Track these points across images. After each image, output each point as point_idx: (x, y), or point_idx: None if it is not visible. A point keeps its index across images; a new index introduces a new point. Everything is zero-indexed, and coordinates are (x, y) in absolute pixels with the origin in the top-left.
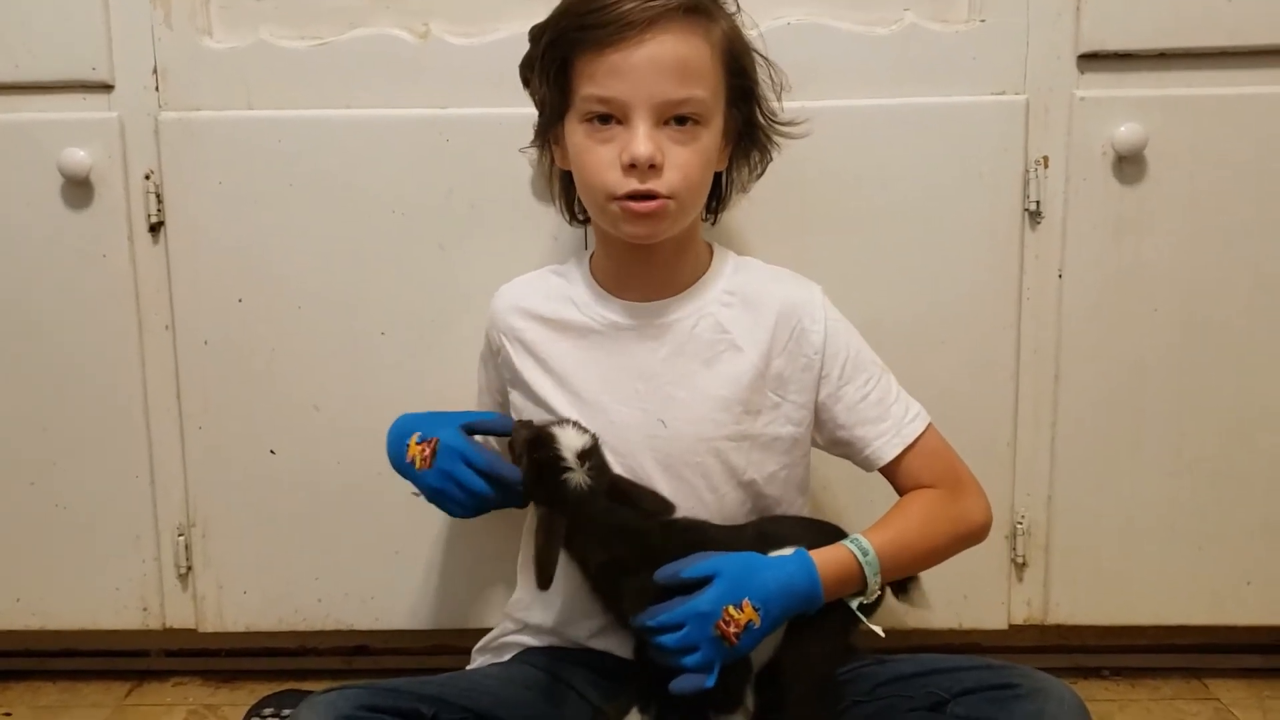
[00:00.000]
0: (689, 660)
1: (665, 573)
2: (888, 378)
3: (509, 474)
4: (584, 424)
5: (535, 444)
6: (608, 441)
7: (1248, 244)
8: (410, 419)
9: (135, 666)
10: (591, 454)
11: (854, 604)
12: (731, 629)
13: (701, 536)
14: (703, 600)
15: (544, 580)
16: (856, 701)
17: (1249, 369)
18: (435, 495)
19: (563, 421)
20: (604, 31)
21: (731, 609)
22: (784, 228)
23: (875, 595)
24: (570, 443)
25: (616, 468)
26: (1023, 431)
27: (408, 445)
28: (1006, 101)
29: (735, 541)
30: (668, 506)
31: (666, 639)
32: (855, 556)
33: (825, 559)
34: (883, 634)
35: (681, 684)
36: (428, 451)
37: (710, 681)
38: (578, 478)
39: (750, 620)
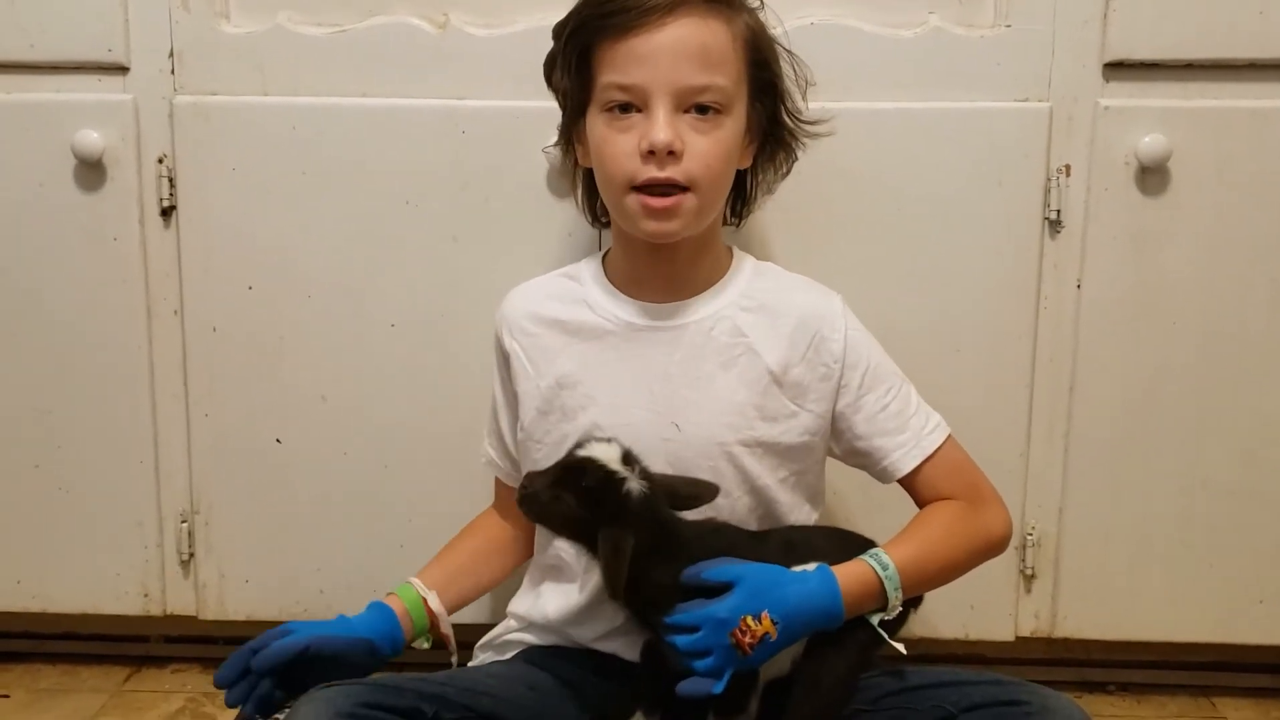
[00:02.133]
0: (700, 665)
1: (689, 573)
2: (907, 388)
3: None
4: (599, 432)
5: (575, 473)
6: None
7: (1270, 259)
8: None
9: (134, 652)
10: (631, 458)
11: (875, 620)
12: (747, 639)
13: (726, 540)
14: (721, 607)
15: (616, 595)
16: (860, 710)
17: (1267, 385)
18: None
19: (580, 444)
20: (624, 17)
21: (749, 619)
22: (799, 229)
23: (896, 611)
24: (608, 455)
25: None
26: (1036, 442)
27: None
28: (1030, 109)
29: (759, 549)
30: (710, 489)
31: (680, 640)
32: (876, 572)
33: (847, 575)
34: (904, 651)
35: (688, 687)
36: None
37: (718, 688)
38: (635, 485)
39: (767, 633)
